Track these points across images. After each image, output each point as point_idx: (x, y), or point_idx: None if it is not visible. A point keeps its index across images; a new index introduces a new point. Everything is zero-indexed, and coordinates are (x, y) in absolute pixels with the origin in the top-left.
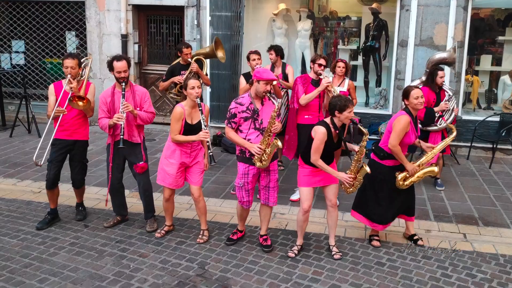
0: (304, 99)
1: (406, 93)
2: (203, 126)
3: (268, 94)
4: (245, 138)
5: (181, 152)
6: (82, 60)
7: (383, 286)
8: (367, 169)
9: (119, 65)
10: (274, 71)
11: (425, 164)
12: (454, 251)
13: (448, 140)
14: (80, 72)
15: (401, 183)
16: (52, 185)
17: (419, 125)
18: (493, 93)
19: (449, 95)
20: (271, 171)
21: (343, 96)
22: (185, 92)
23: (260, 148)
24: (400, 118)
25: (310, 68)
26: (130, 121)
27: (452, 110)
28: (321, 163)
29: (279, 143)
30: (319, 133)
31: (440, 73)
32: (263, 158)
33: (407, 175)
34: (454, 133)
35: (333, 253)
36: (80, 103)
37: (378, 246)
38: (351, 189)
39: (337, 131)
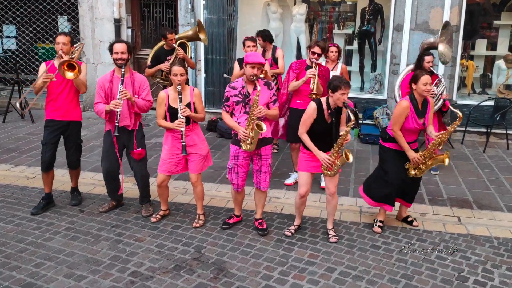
0: (291, 86)
1: (415, 78)
2: (179, 115)
3: (255, 78)
4: (237, 122)
5: (172, 137)
6: (75, 46)
7: (378, 268)
8: (349, 157)
9: (118, 46)
10: (264, 55)
11: (432, 152)
12: (454, 251)
13: (453, 126)
14: (72, 50)
15: (412, 172)
16: (47, 168)
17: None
18: (488, 77)
19: (439, 80)
20: (262, 155)
21: (343, 77)
22: (170, 77)
23: (245, 132)
24: (399, 103)
25: (307, 53)
26: (128, 108)
27: (440, 95)
28: (305, 137)
29: (264, 127)
30: (308, 108)
31: (426, 58)
32: (248, 142)
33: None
34: (459, 116)
35: (329, 236)
36: (70, 73)
37: (379, 232)
38: (329, 172)
39: (329, 111)
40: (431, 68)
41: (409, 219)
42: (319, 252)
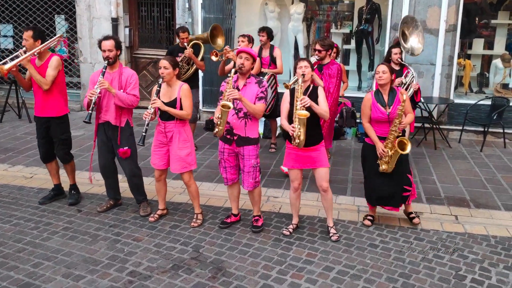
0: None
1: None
2: (149, 105)
3: (240, 67)
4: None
5: (157, 130)
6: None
7: (376, 267)
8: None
9: (105, 43)
10: (261, 53)
11: (392, 143)
12: (454, 251)
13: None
14: (37, 45)
15: (383, 167)
16: (44, 160)
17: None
18: (485, 76)
19: (408, 71)
20: (245, 155)
21: (302, 57)
22: None
23: (217, 117)
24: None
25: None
26: (109, 101)
27: (409, 85)
28: (283, 122)
29: (230, 105)
30: (283, 96)
31: (394, 50)
32: (217, 123)
33: (381, 157)
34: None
35: (330, 234)
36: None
37: (368, 225)
38: (297, 141)
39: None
40: (399, 60)
41: (411, 215)
42: (317, 251)
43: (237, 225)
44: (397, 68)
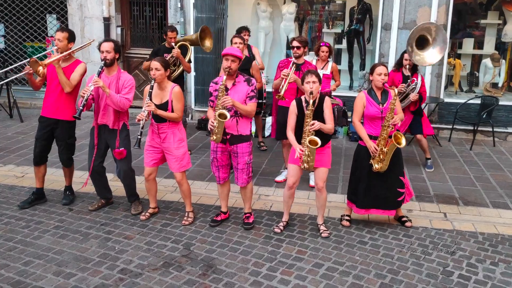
0: (273, 84)
1: (372, 69)
2: (143, 108)
3: (228, 70)
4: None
5: (151, 132)
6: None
7: (365, 264)
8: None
9: (104, 44)
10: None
11: (384, 140)
12: (453, 252)
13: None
14: (70, 47)
15: (376, 166)
16: (37, 162)
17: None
18: (475, 76)
19: (411, 79)
20: (239, 153)
21: (311, 69)
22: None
23: (212, 123)
24: (357, 95)
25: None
26: (104, 102)
27: (407, 95)
28: (289, 135)
29: (227, 115)
30: (290, 107)
31: (406, 55)
32: (214, 132)
33: (374, 156)
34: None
35: (321, 231)
36: (40, 68)
37: (347, 225)
38: (305, 165)
39: (305, 104)
40: (407, 67)
41: (403, 219)
42: (307, 248)
43: (228, 223)
44: (406, 73)
